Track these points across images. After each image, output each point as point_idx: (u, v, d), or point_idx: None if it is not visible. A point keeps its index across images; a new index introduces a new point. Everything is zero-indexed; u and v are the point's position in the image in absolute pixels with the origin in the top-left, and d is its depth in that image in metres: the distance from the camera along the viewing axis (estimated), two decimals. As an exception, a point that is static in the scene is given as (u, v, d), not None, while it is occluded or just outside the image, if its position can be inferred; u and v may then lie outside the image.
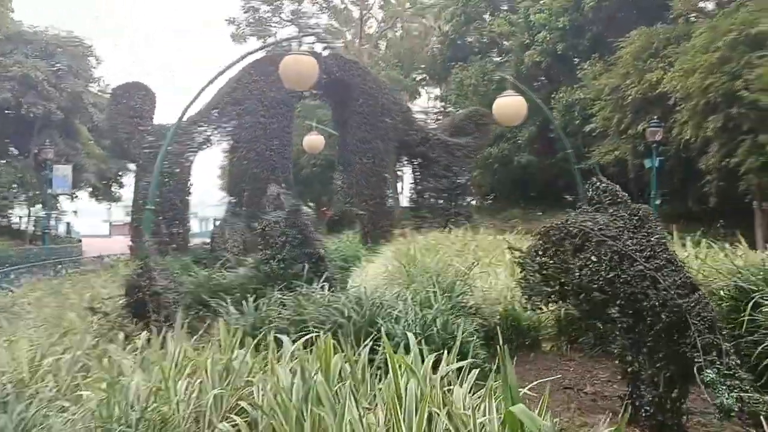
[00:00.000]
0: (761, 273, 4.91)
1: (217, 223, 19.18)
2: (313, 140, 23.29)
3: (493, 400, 3.05)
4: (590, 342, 5.59)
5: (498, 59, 40.50)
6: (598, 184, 4.97)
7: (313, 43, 30.69)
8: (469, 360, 3.90)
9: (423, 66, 47.27)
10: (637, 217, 4.47)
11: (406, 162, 20.02)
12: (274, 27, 44.71)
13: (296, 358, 4.54)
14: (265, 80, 17.84)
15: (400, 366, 3.40)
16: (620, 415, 4.22)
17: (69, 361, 5.61)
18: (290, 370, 4.18)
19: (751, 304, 4.55)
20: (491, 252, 9.07)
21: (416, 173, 20.12)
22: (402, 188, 26.73)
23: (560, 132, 18.70)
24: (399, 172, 19.66)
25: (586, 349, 5.62)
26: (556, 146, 34.57)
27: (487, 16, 39.14)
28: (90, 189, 41.93)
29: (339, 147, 20.49)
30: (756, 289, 4.71)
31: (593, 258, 4.43)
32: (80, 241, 38.39)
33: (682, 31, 26.19)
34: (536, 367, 5.47)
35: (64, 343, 6.39)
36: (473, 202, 20.79)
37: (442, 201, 19.63)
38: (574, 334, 5.79)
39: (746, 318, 4.49)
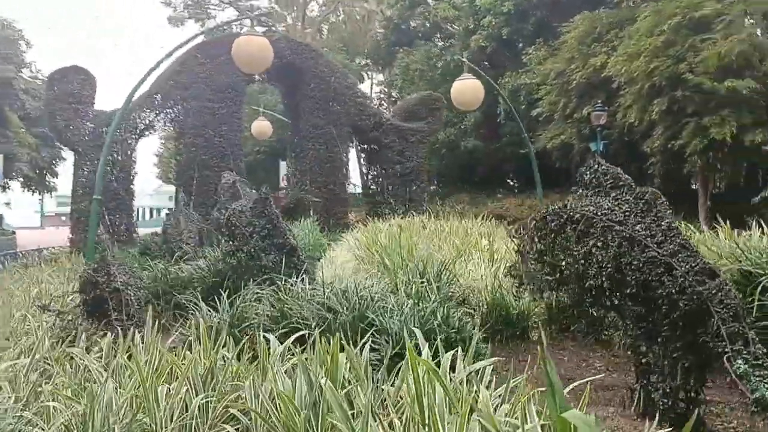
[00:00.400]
0: (765, 256, 4.82)
1: (163, 213, 18.34)
2: (262, 126, 22.72)
3: (532, 404, 2.80)
4: (583, 330, 5.43)
5: (442, 44, 40.44)
6: (596, 166, 4.79)
7: (254, 26, 29.92)
8: (493, 359, 3.63)
9: (366, 51, 46.84)
10: (643, 201, 4.30)
11: (359, 148, 19.66)
12: (213, 9, 43.51)
13: (288, 360, 4.23)
14: (211, 63, 17.20)
15: (419, 367, 3.11)
16: (632, 408, 4.07)
17: (28, 366, 5.13)
18: (285, 372, 3.86)
19: (759, 288, 4.46)
20: (465, 239, 8.86)
21: (369, 159, 19.81)
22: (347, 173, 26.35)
23: (515, 115, 18.56)
24: (345, 158, 19.23)
25: (579, 338, 5.46)
26: (501, 131, 34.89)
27: (431, 0, 38.91)
28: (21, 179, 40.13)
29: (291, 133, 19.98)
30: (762, 273, 4.61)
31: (599, 244, 4.24)
32: (14, 233, 36.63)
33: (625, 16, 26.54)
34: (528, 358, 5.27)
35: (19, 345, 5.88)
36: (423, 187, 20.46)
37: (396, 187, 19.37)
38: (566, 322, 5.63)
39: (756, 304, 4.40)
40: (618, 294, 4.12)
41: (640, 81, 22.49)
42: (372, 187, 19.72)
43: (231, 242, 7.36)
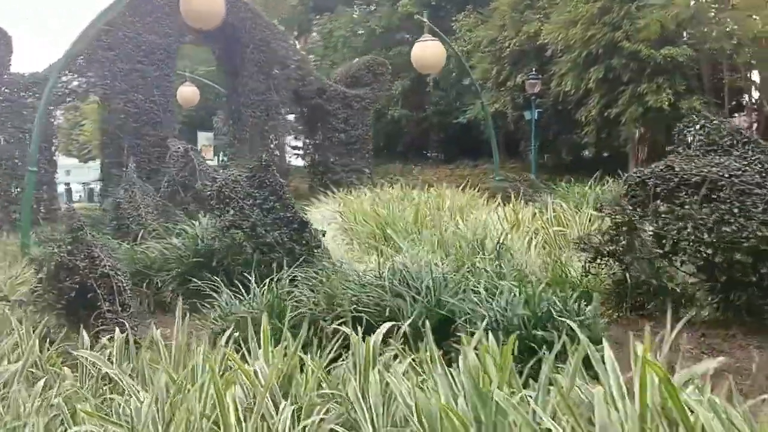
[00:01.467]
0: None
1: (61, 187, 16.40)
2: (188, 92, 21.18)
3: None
4: (664, 308, 4.89)
5: (362, 10, 39.39)
6: (704, 122, 4.19)
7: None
8: (720, 359, 2.99)
9: (284, 16, 45.10)
10: (781, 160, 3.75)
11: (300, 115, 18.50)
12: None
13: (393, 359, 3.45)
14: (141, 22, 15.65)
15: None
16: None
17: (19, 373, 4.10)
18: (404, 375, 3.10)
19: None
20: (472, 210, 8.15)
21: (311, 127, 18.77)
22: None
23: (474, 84, 17.97)
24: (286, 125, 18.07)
25: (657, 317, 4.92)
26: (429, 100, 34.48)
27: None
28: None
29: (227, 99, 18.57)
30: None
31: (735, 211, 3.66)
32: None
33: (557, -17, 26.41)
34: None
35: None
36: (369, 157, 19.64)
37: (340, 156, 18.47)
38: (641, 299, 5.08)
39: None
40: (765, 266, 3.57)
41: (577, 49, 22.45)
42: (315, 156, 18.70)
43: (222, 217, 6.39)
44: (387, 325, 3.53)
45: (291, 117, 20.03)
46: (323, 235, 6.63)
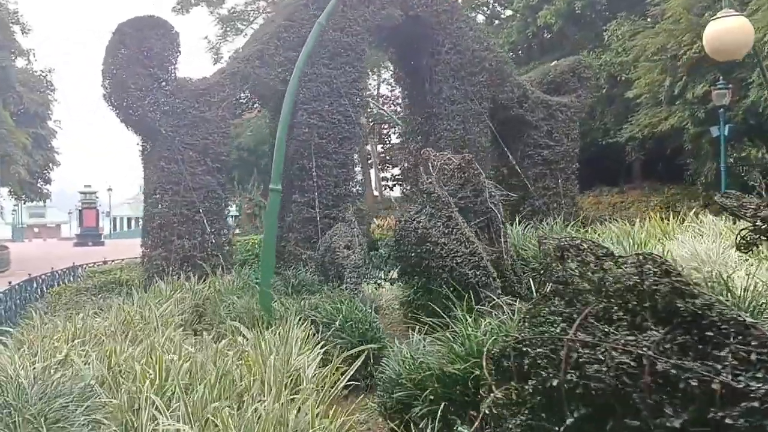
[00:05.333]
0: None
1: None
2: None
3: None
4: None
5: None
6: None
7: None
8: None
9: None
10: None
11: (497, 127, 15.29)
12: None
13: None
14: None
15: None
16: None
17: None
18: None
19: None
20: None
21: (507, 142, 15.63)
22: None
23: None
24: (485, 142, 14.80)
25: None
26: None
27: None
28: (10, 185, 35.07)
29: (411, 110, 15.59)
30: None
31: None
32: (6, 247, 31.63)
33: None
34: None
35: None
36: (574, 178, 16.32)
37: (542, 178, 15.28)
38: None
39: None
40: None
41: (791, 50, 18.90)
42: (509, 178, 15.48)
43: None
44: None
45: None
46: None
